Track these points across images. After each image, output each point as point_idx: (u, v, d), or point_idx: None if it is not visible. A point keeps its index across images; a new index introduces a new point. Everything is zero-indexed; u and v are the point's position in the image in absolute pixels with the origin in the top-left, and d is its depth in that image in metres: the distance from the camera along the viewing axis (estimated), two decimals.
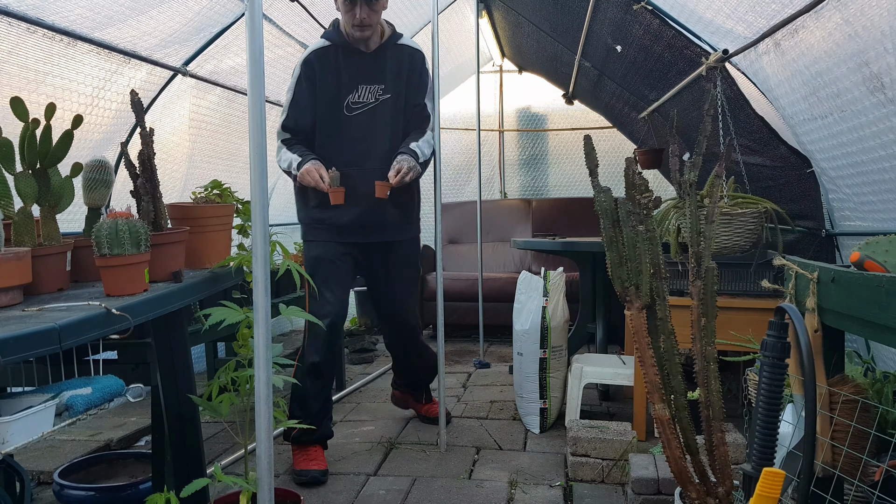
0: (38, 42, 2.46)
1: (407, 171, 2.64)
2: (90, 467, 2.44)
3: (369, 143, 2.74)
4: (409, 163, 2.66)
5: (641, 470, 2.33)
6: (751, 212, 2.55)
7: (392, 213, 2.79)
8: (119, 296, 1.59)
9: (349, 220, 2.73)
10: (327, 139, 2.75)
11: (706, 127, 1.68)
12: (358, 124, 2.73)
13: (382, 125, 2.75)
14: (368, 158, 2.73)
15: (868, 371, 2.05)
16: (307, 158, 2.65)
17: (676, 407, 1.60)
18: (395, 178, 2.63)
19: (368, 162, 2.73)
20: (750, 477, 1.48)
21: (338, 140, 2.74)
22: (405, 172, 2.64)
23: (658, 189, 5.47)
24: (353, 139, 2.73)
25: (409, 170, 2.65)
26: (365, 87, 2.73)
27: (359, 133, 2.73)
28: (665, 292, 1.61)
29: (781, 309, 1.50)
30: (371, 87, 2.74)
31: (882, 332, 1.31)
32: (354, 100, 2.73)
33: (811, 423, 1.41)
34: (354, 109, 2.73)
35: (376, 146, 2.74)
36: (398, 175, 2.63)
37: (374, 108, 2.74)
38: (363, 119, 2.73)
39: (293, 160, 2.67)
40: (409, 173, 2.65)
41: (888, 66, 1.81)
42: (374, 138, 2.74)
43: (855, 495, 1.64)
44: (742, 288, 2.60)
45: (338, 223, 2.74)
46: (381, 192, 2.63)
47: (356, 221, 2.74)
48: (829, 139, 2.35)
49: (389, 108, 2.76)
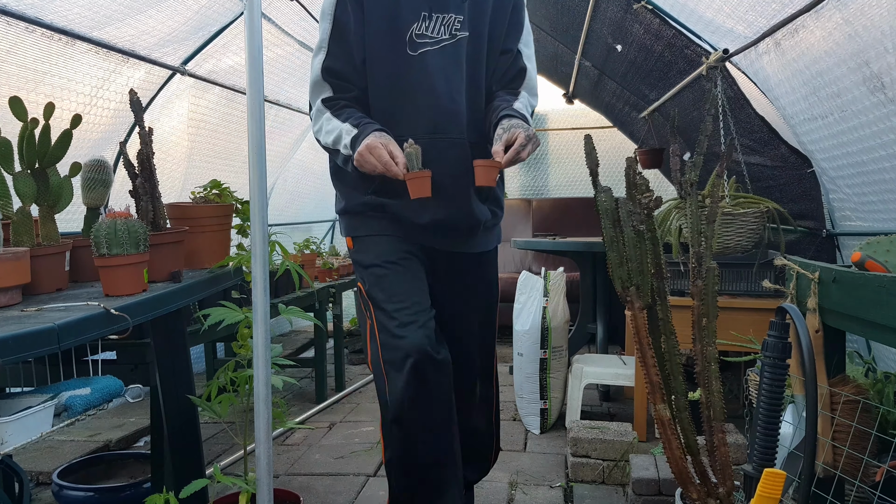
0: (37, 41, 2.45)
1: (524, 142, 1.68)
2: (89, 468, 2.44)
3: (446, 100, 1.80)
4: (527, 130, 1.70)
5: (642, 471, 2.32)
6: (752, 212, 2.54)
7: (483, 211, 1.90)
8: (118, 296, 1.58)
9: (430, 219, 1.82)
10: (382, 92, 1.81)
11: (707, 126, 1.68)
12: (426, 70, 1.79)
13: (458, 74, 1.82)
14: (449, 123, 1.81)
15: (869, 371, 2.04)
16: (367, 129, 1.70)
17: (677, 407, 1.60)
18: (507, 154, 1.68)
19: (449, 129, 1.81)
20: (751, 477, 1.48)
21: (398, 93, 1.81)
22: (522, 145, 1.67)
23: (659, 189, 5.47)
24: (422, 91, 1.79)
25: (528, 141, 1.68)
26: (437, 16, 1.79)
27: (428, 83, 1.79)
28: (666, 292, 1.60)
29: (782, 309, 1.49)
30: (444, 16, 1.80)
31: (883, 333, 1.30)
32: (420, 32, 1.79)
33: (812, 424, 1.41)
34: (420, 46, 1.79)
35: (456, 105, 1.82)
36: (514, 149, 1.68)
37: (447, 47, 1.80)
38: (434, 62, 1.79)
39: (344, 132, 1.73)
40: (528, 146, 1.69)
41: (888, 65, 1.81)
42: (450, 92, 1.81)
43: (856, 496, 1.64)
44: (743, 288, 2.59)
45: (411, 221, 1.83)
46: (487, 177, 1.72)
47: (444, 222, 1.84)
48: (830, 139, 2.34)
49: (468, 51, 1.83)
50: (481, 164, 1.70)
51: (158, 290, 1.67)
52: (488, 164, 1.70)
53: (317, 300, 3.64)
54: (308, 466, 2.82)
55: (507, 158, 1.67)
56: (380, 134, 1.68)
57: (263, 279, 1.50)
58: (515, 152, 1.67)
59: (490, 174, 1.71)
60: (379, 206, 1.84)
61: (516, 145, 1.67)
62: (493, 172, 1.71)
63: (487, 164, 1.70)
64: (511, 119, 1.72)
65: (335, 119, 1.75)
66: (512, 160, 1.68)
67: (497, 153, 1.69)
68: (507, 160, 1.67)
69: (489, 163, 1.70)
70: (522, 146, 1.67)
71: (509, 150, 1.67)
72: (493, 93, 1.88)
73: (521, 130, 1.68)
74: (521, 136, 1.67)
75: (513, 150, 1.67)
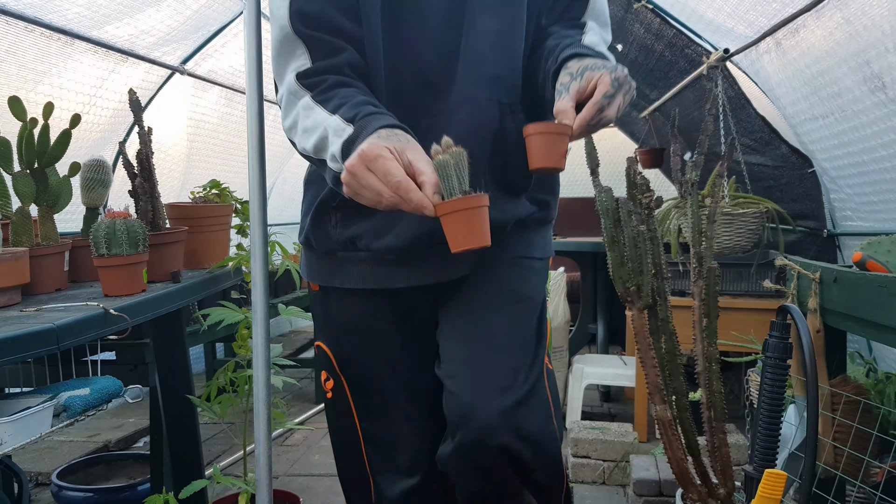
0: (36, 41, 2.45)
1: (610, 88, 1.01)
2: (88, 468, 2.44)
3: (465, 41, 1.13)
4: (613, 70, 1.03)
5: (643, 471, 2.32)
6: (752, 212, 2.54)
7: (519, 206, 1.24)
8: (117, 296, 1.58)
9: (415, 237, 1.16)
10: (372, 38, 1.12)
11: (707, 126, 1.67)
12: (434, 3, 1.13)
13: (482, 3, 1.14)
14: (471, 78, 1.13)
15: (870, 372, 2.04)
16: (369, 124, 0.99)
17: (678, 408, 1.59)
18: (583, 112, 1.02)
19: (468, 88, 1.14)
20: (752, 478, 1.47)
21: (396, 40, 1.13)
22: (607, 94, 1.01)
23: (659, 189, 5.45)
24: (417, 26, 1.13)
25: (617, 85, 1.02)
26: None
27: (436, 21, 1.13)
28: (667, 293, 1.60)
29: (783, 309, 1.49)
30: None
31: (884, 333, 1.30)
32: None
33: (813, 425, 1.40)
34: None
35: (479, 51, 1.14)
36: (594, 102, 1.01)
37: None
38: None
39: (331, 132, 1.02)
40: (617, 95, 1.02)
41: (889, 65, 1.81)
42: (471, 31, 1.14)
43: (857, 497, 1.63)
44: (744, 288, 2.59)
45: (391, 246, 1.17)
46: (550, 152, 1.03)
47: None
48: (831, 139, 2.34)
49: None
50: (538, 130, 1.01)
51: (158, 291, 1.67)
52: (550, 129, 1.00)
53: None
54: (308, 467, 2.82)
55: (585, 117, 0.98)
56: (389, 133, 0.94)
57: (263, 279, 1.50)
58: (596, 107, 0.98)
59: (554, 147, 1.00)
60: (354, 238, 1.18)
61: (598, 95, 0.98)
62: (558, 144, 1.00)
63: (549, 131, 1.00)
64: (582, 59, 1.05)
65: (318, 108, 1.03)
66: (592, 120, 0.99)
67: (564, 112, 1.00)
68: (585, 120, 0.98)
69: (552, 127, 1.00)
70: (608, 95, 0.97)
71: (586, 104, 0.99)
72: (541, 29, 1.19)
73: (601, 72, 1.00)
74: (604, 80, 0.98)
75: (592, 103, 0.98)
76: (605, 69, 1.01)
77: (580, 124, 1.00)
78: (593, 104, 0.99)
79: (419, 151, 0.93)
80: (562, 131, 1.01)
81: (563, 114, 1.01)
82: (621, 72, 1.02)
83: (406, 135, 0.97)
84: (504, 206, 1.18)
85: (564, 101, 1.02)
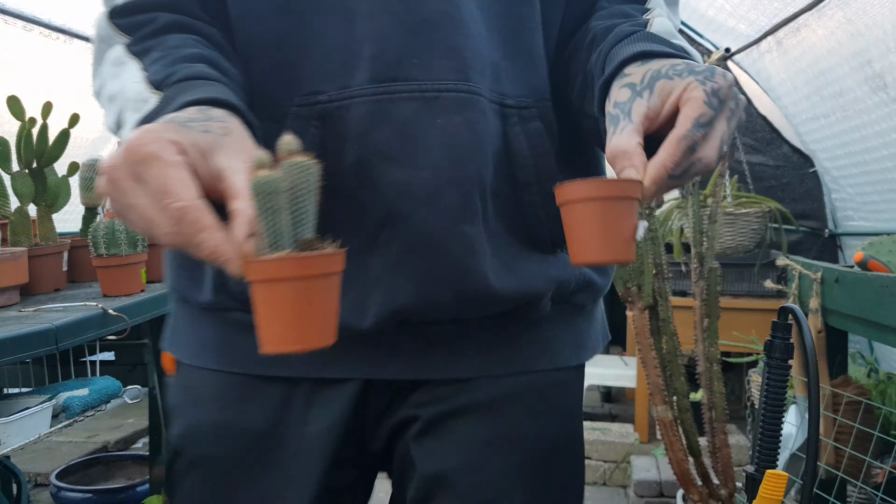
0: (35, 40, 2.45)
1: (717, 104, 0.54)
2: (87, 469, 2.43)
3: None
4: (714, 79, 0.54)
5: (643, 472, 2.31)
6: (754, 211, 2.53)
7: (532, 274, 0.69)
8: (116, 296, 1.58)
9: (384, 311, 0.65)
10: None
11: None
12: None
13: None
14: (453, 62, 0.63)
15: (871, 372, 2.03)
16: (181, 95, 0.55)
17: (679, 408, 1.59)
18: (665, 152, 0.53)
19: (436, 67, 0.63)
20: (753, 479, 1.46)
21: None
22: (702, 121, 0.53)
23: None
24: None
25: (722, 102, 0.54)
26: None
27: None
28: (668, 293, 1.59)
29: (785, 309, 1.48)
30: None
31: (886, 333, 1.29)
32: None
33: (814, 425, 1.40)
34: None
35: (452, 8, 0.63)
36: (685, 136, 0.53)
37: None
38: None
39: (129, 97, 0.59)
40: (721, 120, 0.54)
41: (891, 64, 1.80)
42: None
43: (858, 497, 1.63)
44: (745, 288, 2.58)
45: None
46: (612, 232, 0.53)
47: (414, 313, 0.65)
48: (832, 139, 2.33)
49: None
50: (582, 194, 0.54)
51: (157, 291, 1.67)
52: (604, 192, 0.54)
53: None
54: None
55: (665, 163, 0.53)
56: (197, 115, 0.53)
57: None
58: (684, 144, 0.53)
59: (614, 223, 0.53)
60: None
61: (686, 124, 0.54)
62: (621, 217, 0.53)
63: (602, 195, 0.54)
64: (649, 60, 0.60)
65: (131, 63, 0.62)
66: (679, 167, 0.54)
67: (625, 154, 0.55)
68: (666, 167, 0.53)
69: (606, 188, 0.54)
70: (702, 124, 0.54)
71: (666, 140, 0.54)
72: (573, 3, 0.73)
73: (688, 80, 0.55)
74: (693, 96, 0.54)
75: (677, 138, 0.54)
76: (691, 76, 0.55)
77: (657, 175, 0.52)
78: (679, 139, 0.53)
79: (239, 156, 0.50)
80: (626, 193, 0.53)
81: (623, 157, 0.54)
82: (722, 79, 0.54)
83: (227, 122, 0.53)
84: (524, 268, 0.68)
85: (626, 135, 0.55)
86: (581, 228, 0.54)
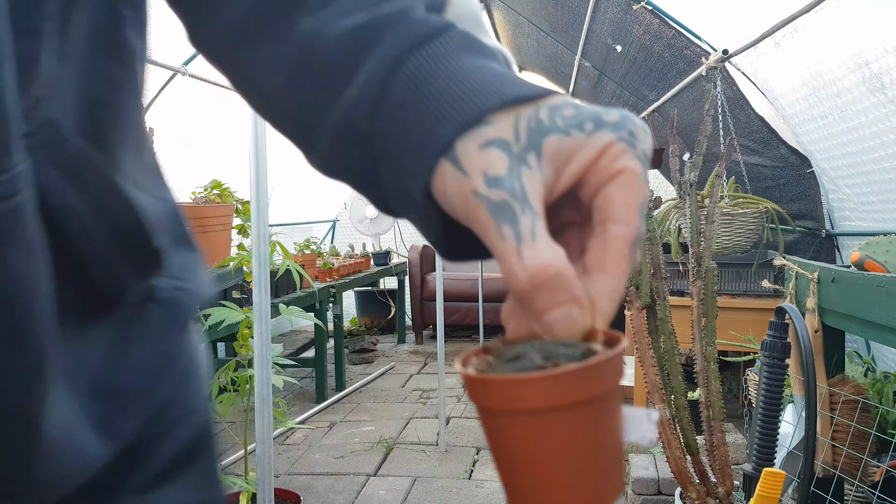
0: None
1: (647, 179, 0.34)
2: None
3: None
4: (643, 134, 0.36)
5: (641, 470, 2.33)
6: (751, 212, 2.55)
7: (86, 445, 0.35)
8: None
9: None
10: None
11: (706, 127, 1.68)
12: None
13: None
14: None
15: (868, 371, 2.05)
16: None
17: (677, 407, 1.60)
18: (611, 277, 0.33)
19: None
20: (750, 477, 1.48)
21: None
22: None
23: (658, 189, 5.48)
24: None
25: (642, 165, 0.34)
26: None
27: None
28: (665, 292, 1.61)
29: (782, 309, 1.49)
30: None
31: (882, 332, 1.31)
32: None
33: (811, 424, 1.41)
34: None
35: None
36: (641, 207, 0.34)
37: None
38: None
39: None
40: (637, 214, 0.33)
41: (888, 65, 1.81)
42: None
43: (855, 496, 1.64)
44: (742, 288, 2.60)
45: None
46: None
47: None
48: (829, 139, 2.35)
49: None
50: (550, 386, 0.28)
51: None
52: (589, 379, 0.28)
53: (317, 300, 3.64)
54: (308, 466, 2.82)
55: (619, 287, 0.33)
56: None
57: (264, 279, 1.50)
58: (622, 264, 0.33)
59: (608, 430, 0.30)
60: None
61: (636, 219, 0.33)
62: (610, 415, 0.30)
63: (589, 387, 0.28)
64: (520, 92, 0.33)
65: None
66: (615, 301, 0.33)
67: (565, 286, 0.31)
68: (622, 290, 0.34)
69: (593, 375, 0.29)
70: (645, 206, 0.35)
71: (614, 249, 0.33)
72: None
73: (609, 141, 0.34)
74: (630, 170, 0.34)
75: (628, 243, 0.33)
76: (601, 130, 0.36)
77: (611, 309, 0.34)
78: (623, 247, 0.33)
79: None
80: (612, 380, 0.31)
81: (556, 289, 0.31)
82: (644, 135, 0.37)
83: None
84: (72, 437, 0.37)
85: (545, 246, 0.31)
86: (540, 466, 0.29)
